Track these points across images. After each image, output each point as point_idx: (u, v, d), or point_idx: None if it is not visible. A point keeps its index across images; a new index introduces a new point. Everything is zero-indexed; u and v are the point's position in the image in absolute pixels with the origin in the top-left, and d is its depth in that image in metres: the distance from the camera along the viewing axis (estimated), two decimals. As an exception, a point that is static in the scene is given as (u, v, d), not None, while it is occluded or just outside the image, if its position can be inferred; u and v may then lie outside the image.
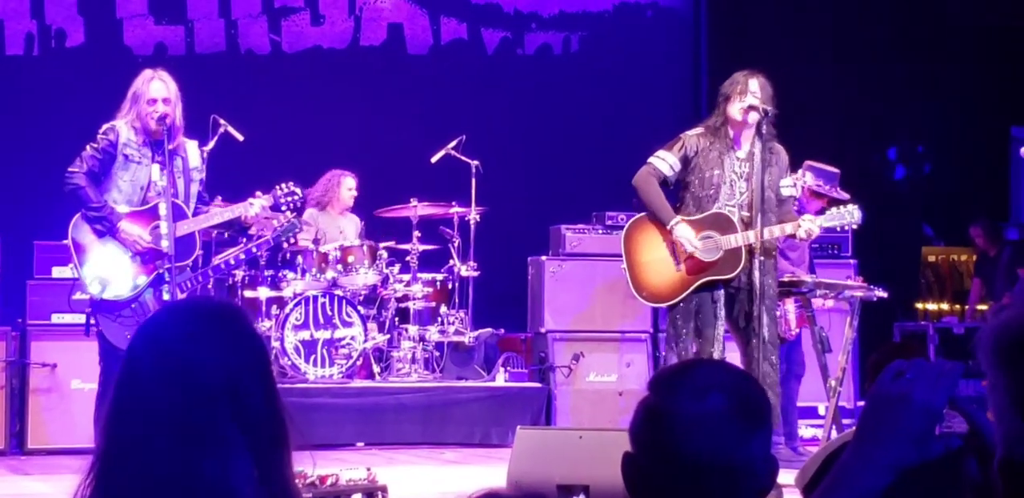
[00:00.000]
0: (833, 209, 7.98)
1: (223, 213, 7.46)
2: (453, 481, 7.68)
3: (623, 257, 7.97)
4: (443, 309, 10.48)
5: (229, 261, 7.75)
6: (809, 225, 7.69)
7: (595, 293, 10.40)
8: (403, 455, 9.28)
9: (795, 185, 8.05)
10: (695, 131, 7.84)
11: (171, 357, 2.18)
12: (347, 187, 10.84)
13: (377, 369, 10.24)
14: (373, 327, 10.24)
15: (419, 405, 9.81)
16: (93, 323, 7.22)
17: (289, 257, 10.22)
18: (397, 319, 10.47)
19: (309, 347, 9.81)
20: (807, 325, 8.55)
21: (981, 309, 12.99)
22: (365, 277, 10.19)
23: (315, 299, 9.90)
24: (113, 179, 7.26)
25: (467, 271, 10.46)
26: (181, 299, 6.70)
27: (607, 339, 10.38)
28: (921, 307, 14.03)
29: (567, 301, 10.40)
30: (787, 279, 8.19)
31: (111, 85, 7.52)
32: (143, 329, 2.26)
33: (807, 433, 9.52)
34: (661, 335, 10.19)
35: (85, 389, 8.90)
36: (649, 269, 7.85)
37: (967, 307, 13.42)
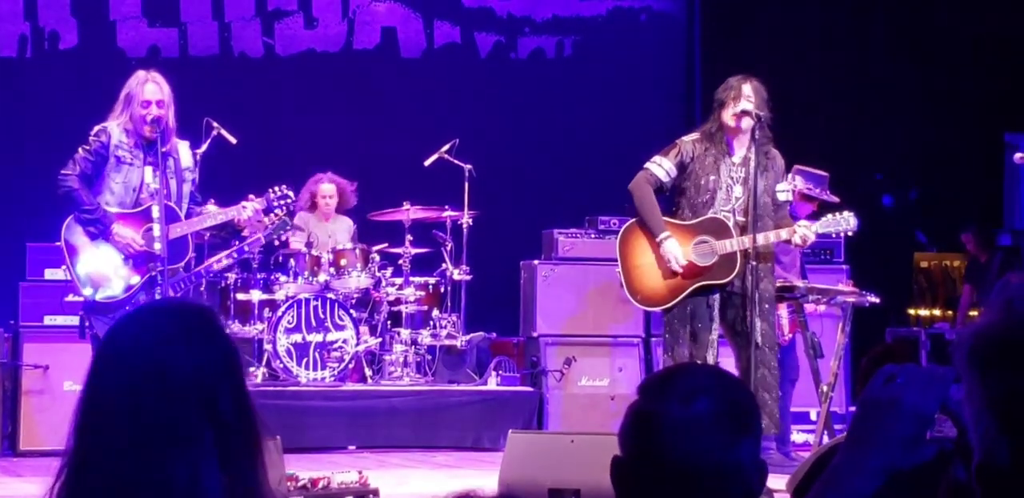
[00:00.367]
0: (829, 215, 7.96)
1: (216, 216, 7.46)
2: (444, 484, 7.68)
3: (618, 260, 7.97)
4: (435, 313, 10.48)
5: (221, 260, 7.75)
6: (805, 231, 7.68)
7: (587, 297, 10.40)
8: (395, 458, 9.27)
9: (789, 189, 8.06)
10: (691, 137, 7.84)
11: (140, 359, 2.15)
12: (322, 195, 10.82)
13: (369, 372, 10.24)
14: (365, 330, 10.24)
15: (411, 408, 9.81)
16: (88, 325, 7.22)
17: (282, 260, 10.22)
18: (389, 322, 10.47)
19: (301, 350, 9.81)
20: (799, 330, 8.56)
21: (972, 315, 12.99)
22: (358, 280, 10.20)
23: (307, 302, 9.89)
24: (105, 181, 7.27)
25: (459, 275, 10.46)
26: (151, 301, 6.68)
27: (599, 343, 10.38)
28: (913, 313, 14.04)
29: (559, 305, 10.40)
30: (779, 284, 8.19)
31: (104, 87, 7.53)
32: (113, 331, 2.24)
33: (799, 438, 9.52)
34: (653, 340, 10.20)
35: (77, 391, 8.87)
36: (644, 273, 7.85)
37: (958, 313, 13.43)
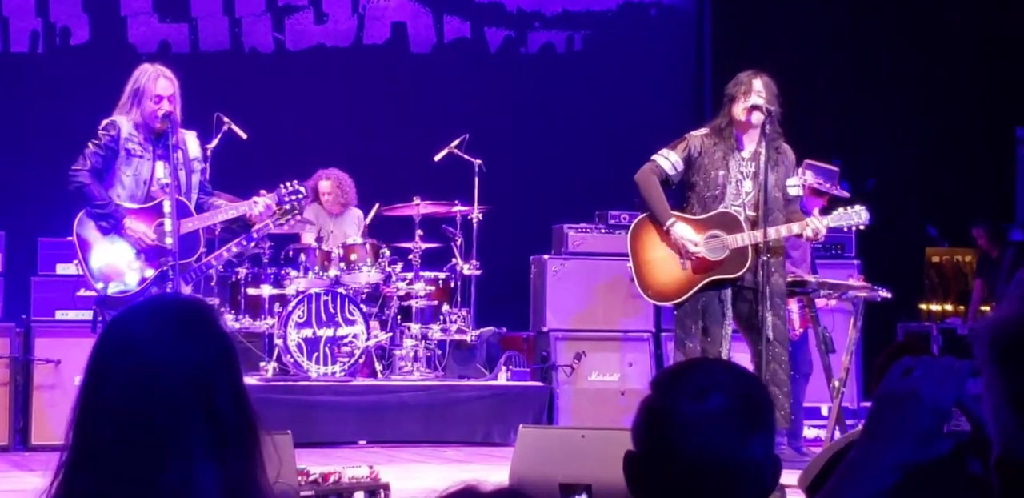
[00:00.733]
0: (840, 209, 7.94)
1: (227, 211, 7.46)
2: (455, 479, 7.66)
3: (629, 255, 7.97)
4: (445, 307, 10.48)
5: (231, 248, 7.74)
6: (816, 225, 7.68)
7: (597, 292, 10.40)
8: (405, 453, 9.27)
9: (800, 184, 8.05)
10: (700, 131, 7.84)
11: (137, 356, 2.13)
12: (322, 191, 10.89)
13: (379, 367, 10.25)
14: (375, 325, 10.24)
15: (421, 403, 9.81)
16: (100, 320, 7.22)
17: (292, 255, 10.23)
18: (399, 317, 10.47)
19: (312, 345, 9.82)
20: (811, 325, 8.55)
21: (984, 310, 12.98)
22: (368, 275, 10.20)
23: (318, 297, 9.90)
24: (116, 174, 7.27)
25: (469, 270, 10.46)
26: (148, 297, 6.67)
27: (609, 338, 10.38)
28: (925, 308, 14.03)
29: (569, 300, 10.40)
30: (790, 279, 8.18)
31: (115, 83, 7.51)
32: (109, 327, 2.22)
33: (810, 433, 9.50)
34: (664, 335, 10.20)
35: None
36: (655, 267, 7.84)
37: (969, 308, 13.41)
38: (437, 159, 10.81)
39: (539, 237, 10.84)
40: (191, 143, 7.45)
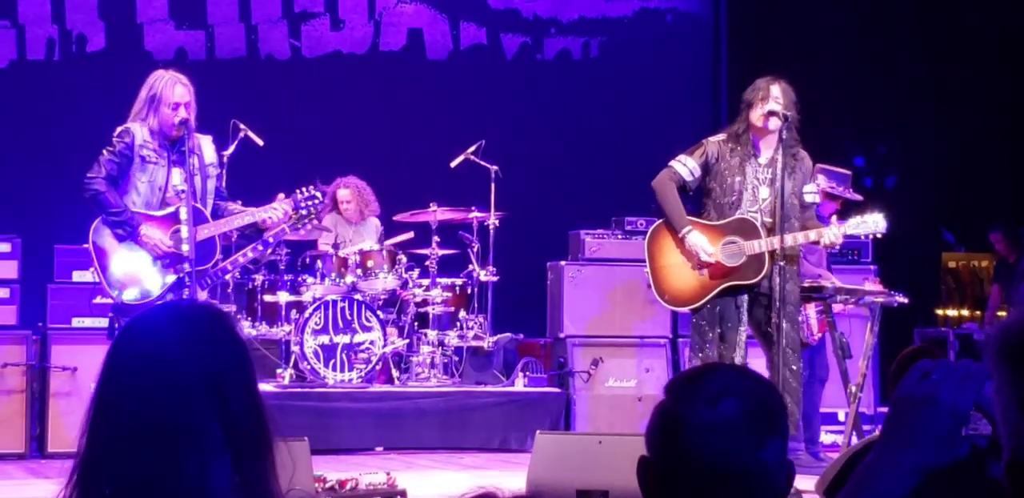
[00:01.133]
0: (857, 217, 7.91)
1: (243, 217, 7.46)
2: (472, 486, 7.66)
3: (646, 260, 7.96)
4: (462, 314, 10.47)
5: (247, 253, 7.74)
6: (833, 236, 7.64)
7: (614, 298, 10.39)
8: (422, 460, 9.27)
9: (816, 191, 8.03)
10: (717, 137, 7.84)
11: (152, 360, 2.14)
12: (341, 200, 10.89)
13: (396, 374, 10.24)
14: (392, 331, 10.24)
15: (438, 410, 9.81)
16: (117, 327, 7.23)
17: (309, 262, 10.23)
18: (416, 324, 10.47)
19: (328, 351, 9.82)
20: (828, 330, 8.53)
21: (1001, 315, 12.94)
22: (384, 281, 10.20)
23: (335, 303, 9.90)
24: (131, 181, 7.27)
25: (486, 276, 10.46)
26: (164, 302, 6.68)
27: (626, 344, 10.37)
28: (941, 313, 13.99)
29: (586, 306, 10.39)
30: (808, 284, 8.17)
31: (132, 90, 7.52)
32: (125, 331, 2.22)
33: (827, 439, 9.48)
34: (681, 340, 10.19)
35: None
36: (672, 273, 7.84)
37: (986, 313, 13.37)
38: (454, 165, 10.81)
39: (556, 243, 10.84)
40: (206, 148, 7.45)
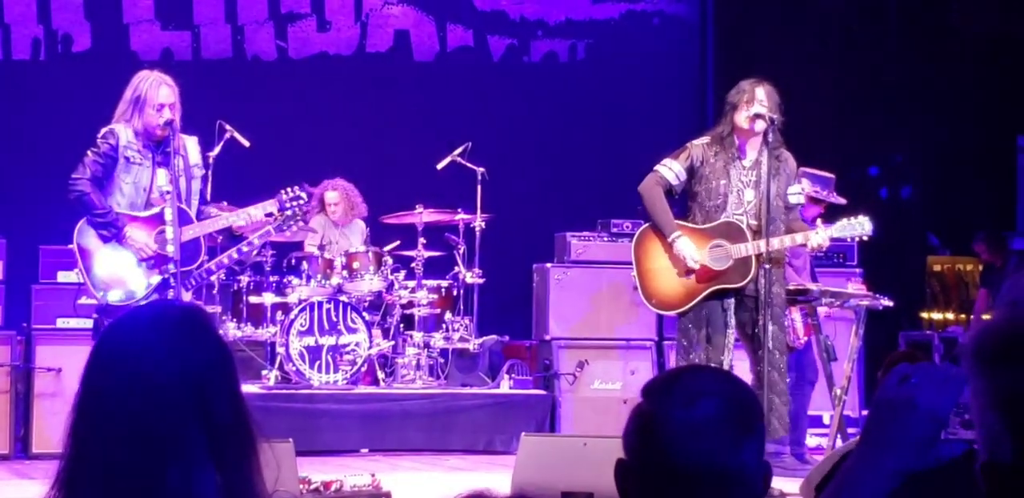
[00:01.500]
0: (844, 220, 7.90)
1: (228, 218, 7.45)
2: (457, 488, 7.65)
3: (633, 264, 7.96)
4: (448, 316, 10.47)
5: (231, 255, 7.73)
6: (819, 239, 7.65)
7: (600, 301, 10.39)
8: (407, 461, 9.27)
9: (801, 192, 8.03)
10: (701, 140, 7.82)
11: (133, 361, 2.13)
12: (328, 202, 10.88)
13: (382, 375, 10.23)
14: (378, 333, 10.24)
15: (423, 412, 9.80)
16: (101, 328, 7.21)
17: (294, 263, 10.22)
18: (402, 325, 10.46)
19: (314, 353, 9.81)
20: (813, 333, 8.54)
21: (986, 319, 12.96)
22: (370, 283, 10.19)
23: (320, 305, 9.89)
24: (116, 182, 7.26)
25: (472, 278, 10.46)
26: (145, 304, 6.66)
27: (612, 346, 10.38)
28: (926, 316, 14.01)
29: (572, 308, 10.39)
30: (793, 287, 8.17)
31: (118, 90, 7.51)
32: (106, 334, 2.21)
33: (812, 442, 9.48)
34: (666, 343, 10.19)
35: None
36: (659, 276, 7.83)
37: (972, 317, 13.39)
38: (440, 167, 10.80)
39: (542, 245, 10.84)
40: (191, 149, 7.44)
